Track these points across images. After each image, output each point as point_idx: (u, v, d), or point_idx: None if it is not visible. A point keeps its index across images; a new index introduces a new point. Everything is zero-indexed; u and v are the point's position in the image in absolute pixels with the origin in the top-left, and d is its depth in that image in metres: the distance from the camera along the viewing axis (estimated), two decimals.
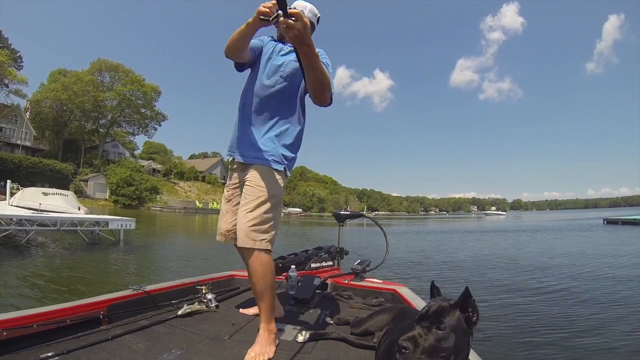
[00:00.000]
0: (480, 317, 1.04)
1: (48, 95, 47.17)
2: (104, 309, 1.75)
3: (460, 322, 1.01)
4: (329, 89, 1.56)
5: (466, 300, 1.02)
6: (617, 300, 5.19)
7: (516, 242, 15.62)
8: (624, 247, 12.67)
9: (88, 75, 50.34)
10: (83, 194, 44.87)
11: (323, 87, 1.53)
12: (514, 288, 6.05)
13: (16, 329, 1.38)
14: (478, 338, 3.52)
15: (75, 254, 8.58)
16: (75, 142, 53.82)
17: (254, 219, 1.62)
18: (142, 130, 58.21)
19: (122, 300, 1.89)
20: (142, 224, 21.04)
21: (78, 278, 6.03)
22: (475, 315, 1.03)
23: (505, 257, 10.12)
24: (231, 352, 1.52)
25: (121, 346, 1.50)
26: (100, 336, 1.56)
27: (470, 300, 1.02)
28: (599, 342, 3.55)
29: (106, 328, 1.69)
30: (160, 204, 47.00)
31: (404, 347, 0.99)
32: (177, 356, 1.43)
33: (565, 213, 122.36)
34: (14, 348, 1.36)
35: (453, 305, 1.04)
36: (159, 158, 69.01)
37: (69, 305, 1.65)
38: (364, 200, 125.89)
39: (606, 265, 8.60)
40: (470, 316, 1.03)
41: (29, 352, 1.36)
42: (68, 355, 1.36)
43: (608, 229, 24.81)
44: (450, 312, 1.02)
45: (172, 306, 2.08)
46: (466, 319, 1.02)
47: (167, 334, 1.69)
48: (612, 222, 31.47)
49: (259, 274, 1.61)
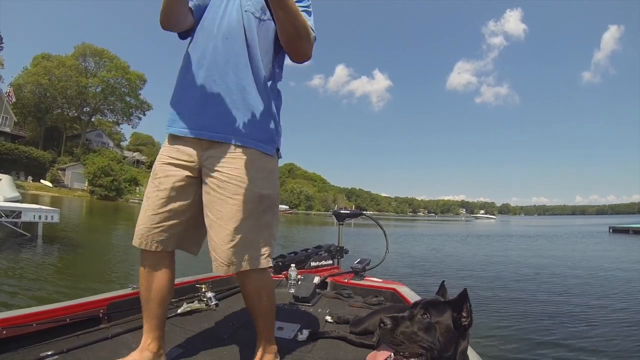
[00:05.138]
0: (477, 322, 0.96)
1: (29, 79, 45.42)
2: (103, 307, 1.73)
3: (448, 320, 1.01)
4: (307, 39, 1.21)
5: (461, 301, 1.02)
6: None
7: (526, 248, 14.71)
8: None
9: (71, 60, 48.63)
10: (60, 184, 43.35)
11: (299, 36, 1.18)
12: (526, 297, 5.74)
13: (16, 328, 1.37)
14: (479, 337, 3.60)
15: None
16: (57, 130, 51.90)
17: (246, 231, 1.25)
18: (126, 119, 56.61)
19: (122, 299, 1.86)
20: (100, 217, 19.82)
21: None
22: (468, 319, 1.02)
23: (519, 264, 9.52)
24: (231, 351, 1.52)
25: (121, 345, 1.50)
26: (100, 335, 1.56)
27: (465, 303, 1.02)
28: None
29: (106, 326, 1.69)
30: (139, 197, 45.09)
31: (384, 323, 1.02)
32: (176, 355, 1.43)
33: (553, 219, 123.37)
34: (14, 347, 1.36)
35: (447, 302, 1.05)
36: (147, 150, 67.29)
37: (69, 303, 1.64)
38: (352, 200, 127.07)
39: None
40: (461, 318, 1.02)
41: (28, 351, 1.35)
42: (68, 353, 1.35)
43: (618, 239, 22.18)
44: (442, 307, 1.03)
45: (171, 305, 1.99)
46: (455, 321, 1.01)
47: (166, 332, 1.59)
48: (619, 230, 28.26)
49: (254, 297, 1.33)
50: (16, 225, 8.50)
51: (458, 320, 1.01)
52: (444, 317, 1.01)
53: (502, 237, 21.76)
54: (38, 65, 46.43)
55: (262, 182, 1.28)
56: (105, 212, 24.24)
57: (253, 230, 1.25)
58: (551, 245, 16.38)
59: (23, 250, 7.13)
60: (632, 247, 16.25)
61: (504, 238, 20.50)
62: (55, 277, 5.26)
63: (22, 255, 6.67)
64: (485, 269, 8.67)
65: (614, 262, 10.48)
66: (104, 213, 22.97)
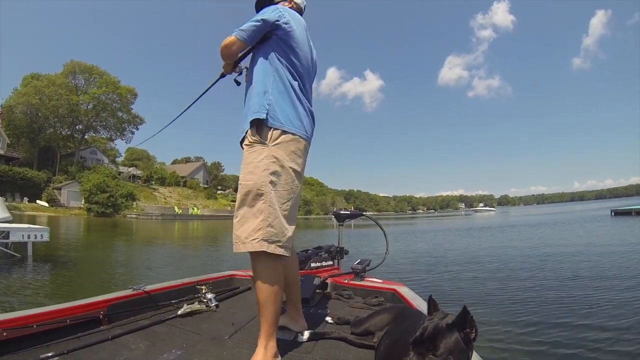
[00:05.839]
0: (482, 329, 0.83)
1: (20, 100, 45.02)
2: (104, 308, 1.74)
3: (459, 343, 0.96)
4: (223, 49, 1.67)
5: (464, 320, 0.97)
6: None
7: (528, 237, 14.56)
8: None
9: (61, 78, 48.31)
10: (57, 203, 42.95)
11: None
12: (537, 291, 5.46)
13: (16, 329, 1.38)
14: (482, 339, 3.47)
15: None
16: (51, 149, 51.43)
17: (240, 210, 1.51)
18: (119, 134, 56.25)
19: (122, 300, 1.87)
20: (96, 233, 19.50)
21: None
22: (474, 332, 0.99)
23: (523, 256, 9.24)
24: (231, 352, 1.51)
25: (121, 346, 1.50)
26: (100, 336, 1.56)
27: (469, 318, 0.97)
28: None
29: (106, 328, 1.69)
30: (136, 211, 44.80)
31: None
32: (177, 356, 1.43)
33: (552, 207, 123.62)
34: (14, 348, 1.36)
35: (450, 325, 0.98)
36: (142, 164, 66.89)
37: (69, 305, 1.65)
38: (351, 201, 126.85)
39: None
40: (469, 333, 0.98)
41: (29, 353, 1.36)
42: (68, 355, 1.36)
43: (621, 221, 22.13)
44: (447, 334, 0.97)
45: (172, 306, 2.06)
46: (464, 338, 0.97)
47: (167, 333, 1.68)
48: (622, 213, 28.30)
49: (255, 280, 1.45)
50: (6, 246, 8.24)
51: (466, 337, 0.97)
52: (454, 344, 0.95)
53: (503, 228, 21.72)
54: (28, 86, 46.06)
55: (247, 175, 1.48)
56: (101, 228, 23.98)
57: (244, 217, 1.45)
58: (554, 232, 16.35)
59: (13, 271, 6.87)
60: (637, 229, 16.17)
61: (505, 229, 20.42)
62: (45, 299, 5.04)
63: (13, 275, 6.47)
64: (490, 261, 8.60)
65: (623, 244, 10.42)
66: (100, 230, 22.73)
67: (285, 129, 1.50)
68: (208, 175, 75.13)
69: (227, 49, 1.62)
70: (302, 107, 1.60)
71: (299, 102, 1.59)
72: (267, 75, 1.56)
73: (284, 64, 1.57)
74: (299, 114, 1.57)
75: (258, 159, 1.47)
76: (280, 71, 1.57)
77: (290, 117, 1.53)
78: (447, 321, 0.99)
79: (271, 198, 1.44)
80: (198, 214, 47.56)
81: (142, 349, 1.48)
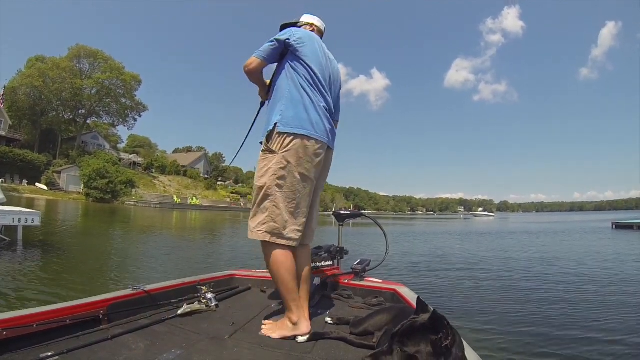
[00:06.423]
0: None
1: (24, 81, 44.98)
2: (103, 308, 1.74)
3: (429, 346, 0.98)
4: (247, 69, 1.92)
5: (435, 324, 0.99)
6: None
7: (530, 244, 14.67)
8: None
9: (66, 61, 48.25)
10: (56, 187, 42.96)
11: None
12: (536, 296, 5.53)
13: (15, 329, 1.38)
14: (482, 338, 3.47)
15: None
16: (53, 133, 51.51)
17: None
18: (122, 121, 56.28)
19: (122, 300, 1.88)
20: (93, 219, 19.42)
21: None
22: (449, 339, 0.98)
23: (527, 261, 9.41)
24: (231, 352, 1.52)
25: (121, 346, 1.50)
26: (100, 336, 1.56)
27: (442, 323, 0.98)
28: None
29: (106, 327, 1.69)
30: (135, 199, 44.77)
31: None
32: (176, 356, 1.43)
33: (551, 215, 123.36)
34: (14, 348, 1.36)
35: (424, 325, 1.01)
36: (143, 152, 66.87)
37: (69, 304, 1.65)
38: (350, 199, 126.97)
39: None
40: (442, 339, 0.98)
41: (28, 352, 1.36)
42: (68, 354, 1.35)
43: (623, 235, 21.34)
44: (419, 334, 1.01)
45: (171, 305, 2.07)
46: (433, 343, 0.98)
47: (167, 333, 1.69)
48: (623, 226, 27.47)
49: (267, 265, 1.77)
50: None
51: (439, 342, 0.97)
52: (422, 346, 0.99)
53: (502, 234, 21.60)
54: (32, 68, 46.05)
55: (259, 178, 1.78)
56: (99, 214, 23.92)
57: (255, 212, 1.79)
58: (555, 242, 16.11)
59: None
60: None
61: (505, 236, 20.30)
62: (29, 285, 4.84)
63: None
64: (490, 267, 8.50)
65: (629, 260, 10.15)
66: (97, 215, 22.65)
67: (295, 132, 1.72)
68: (209, 165, 75.09)
69: (248, 67, 1.87)
70: (316, 113, 1.78)
71: (313, 108, 1.78)
72: (283, 85, 1.81)
73: (300, 75, 1.80)
74: (311, 119, 1.76)
75: (269, 165, 1.74)
76: (295, 80, 1.80)
77: (302, 123, 1.73)
78: (424, 322, 1.01)
79: (277, 198, 1.72)
80: (197, 204, 47.66)
81: (142, 349, 1.49)
